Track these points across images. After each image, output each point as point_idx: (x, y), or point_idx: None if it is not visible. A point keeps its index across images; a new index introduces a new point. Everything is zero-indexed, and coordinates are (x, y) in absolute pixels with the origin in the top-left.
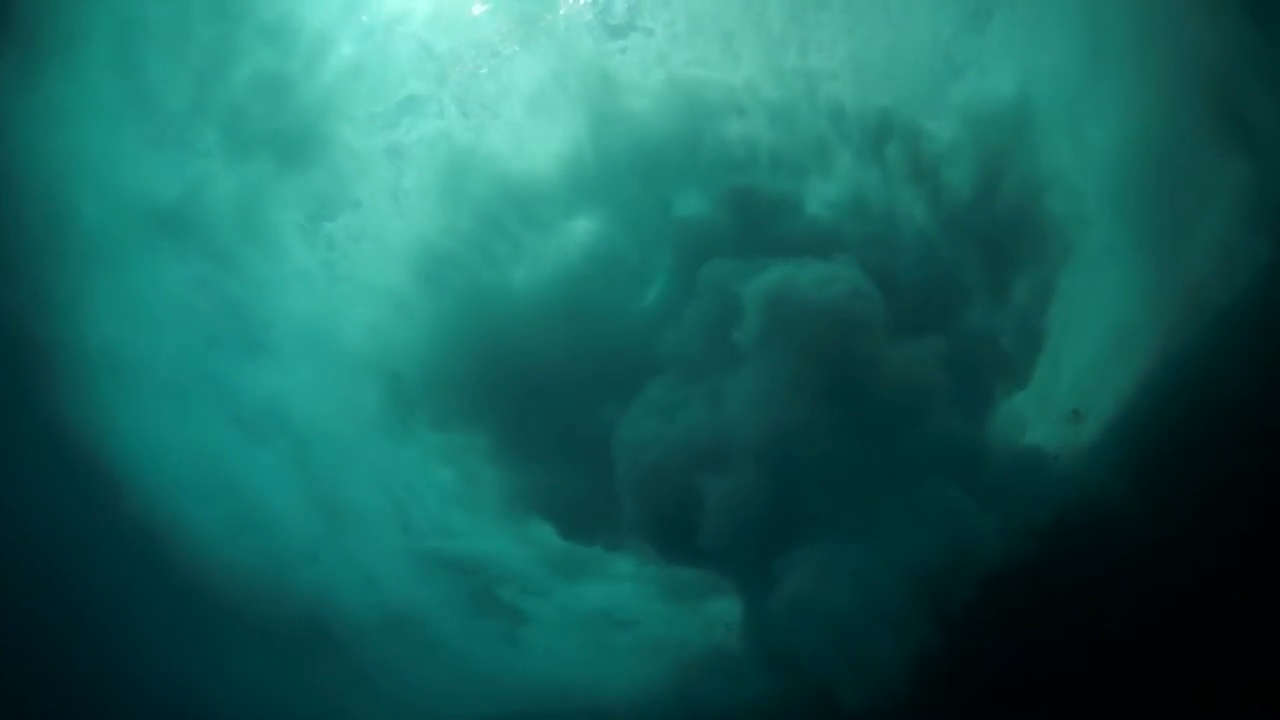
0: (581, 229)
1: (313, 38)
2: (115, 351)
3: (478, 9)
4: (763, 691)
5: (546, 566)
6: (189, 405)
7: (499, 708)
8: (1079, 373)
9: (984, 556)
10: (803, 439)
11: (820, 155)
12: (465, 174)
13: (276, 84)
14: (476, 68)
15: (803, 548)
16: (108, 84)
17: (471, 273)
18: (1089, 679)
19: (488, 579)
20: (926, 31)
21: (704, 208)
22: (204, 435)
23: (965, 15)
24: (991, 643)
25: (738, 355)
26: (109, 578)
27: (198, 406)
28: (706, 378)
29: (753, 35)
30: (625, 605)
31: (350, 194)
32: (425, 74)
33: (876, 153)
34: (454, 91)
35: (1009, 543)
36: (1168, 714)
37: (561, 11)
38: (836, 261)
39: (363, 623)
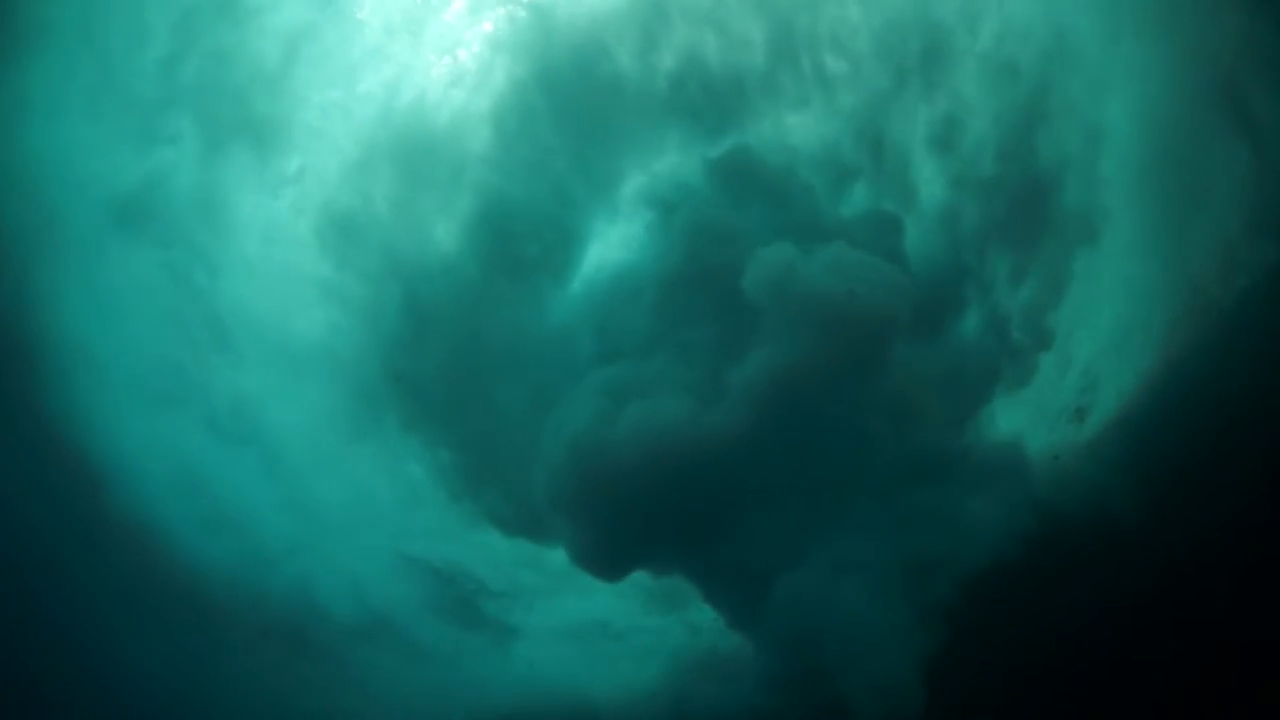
0: (535, 191)
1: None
2: (88, 346)
3: None
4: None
5: (525, 573)
6: (163, 402)
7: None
8: (1082, 370)
9: (984, 559)
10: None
11: (824, 94)
12: (406, 138)
13: (234, 59)
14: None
15: (803, 554)
16: (76, 74)
17: (409, 250)
18: (1090, 680)
19: (467, 587)
20: None
21: (681, 158)
22: (179, 433)
23: None
24: (994, 646)
25: (720, 333)
26: (86, 576)
27: (172, 403)
28: (686, 357)
29: None
30: (612, 612)
31: (301, 168)
32: (375, 29)
33: (887, 105)
34: (402, 44)
35: (1008, 545)
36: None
37: None
38: (847, 243)
39: (342, 626)
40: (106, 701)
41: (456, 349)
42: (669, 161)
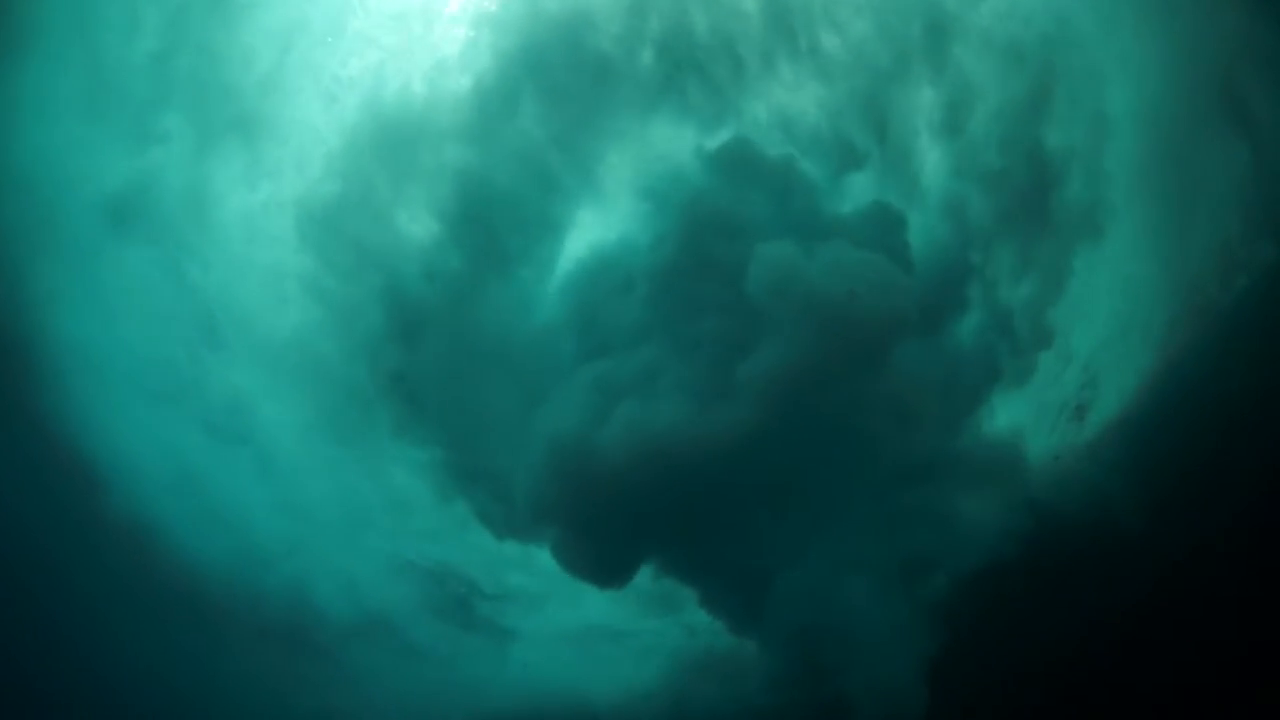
0: (521, 178)
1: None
2: (83, 345)
3: None
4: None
5: (520, 574)
6: (158, 401)
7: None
8: (1082, 366)
9: (985, 559)
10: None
11: (822, 75)
12: (389, 128)
13: (224, 54)
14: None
15: (803, 554)
16: (69, 72)
17: (393, 244)
18: (1091, 680)
19: (460, 589)
20: None
21: (674, 144)
22: (174, 432)
23: None
24: (995, 646)
25: (715, 328)
26: (82, 575)
27: (167, 402)
28: (680, 352)
29: None
30: (609, 614)
31: (288, 162)
32: (359, 16)
33: (889, 86)
34: (387, 29)
35: (1008, 545)
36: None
37: None
38: (849, 241)
39: (338, 626)
40: (103, 700)
41: (443, 344)
42: (661, 148)
